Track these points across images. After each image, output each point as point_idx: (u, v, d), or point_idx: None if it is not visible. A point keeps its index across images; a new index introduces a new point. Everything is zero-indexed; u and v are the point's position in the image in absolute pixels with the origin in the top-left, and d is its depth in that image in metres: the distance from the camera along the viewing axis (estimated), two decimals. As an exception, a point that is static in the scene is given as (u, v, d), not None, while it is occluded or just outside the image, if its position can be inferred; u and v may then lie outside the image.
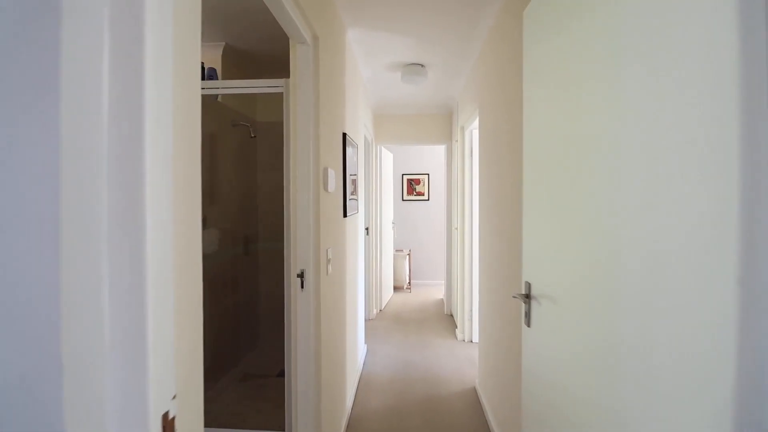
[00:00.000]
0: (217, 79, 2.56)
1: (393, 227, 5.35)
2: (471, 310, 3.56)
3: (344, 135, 2.27)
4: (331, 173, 1.89)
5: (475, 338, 3.56)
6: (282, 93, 1.81)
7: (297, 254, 1.63)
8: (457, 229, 3.97)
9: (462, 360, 3.20)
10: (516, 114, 1.67)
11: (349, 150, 2.43)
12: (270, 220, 2.98)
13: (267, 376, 2.82)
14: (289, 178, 1.69)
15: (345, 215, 2.34)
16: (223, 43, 2.54)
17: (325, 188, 1.80)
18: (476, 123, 3.23)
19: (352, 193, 2.64)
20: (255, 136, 2.83)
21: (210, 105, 2.51)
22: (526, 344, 1.31)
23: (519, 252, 1.56)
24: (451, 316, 4.40)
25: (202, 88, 2.02)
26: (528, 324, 1.27)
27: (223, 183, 2.68)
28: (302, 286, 1.64)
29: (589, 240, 0.90)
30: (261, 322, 3.26)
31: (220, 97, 2.55)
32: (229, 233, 2.74)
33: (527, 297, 1.28)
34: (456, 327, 3.91)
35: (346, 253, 2.44)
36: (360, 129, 3.13)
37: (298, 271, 1.64)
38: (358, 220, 2.98)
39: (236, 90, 1.87)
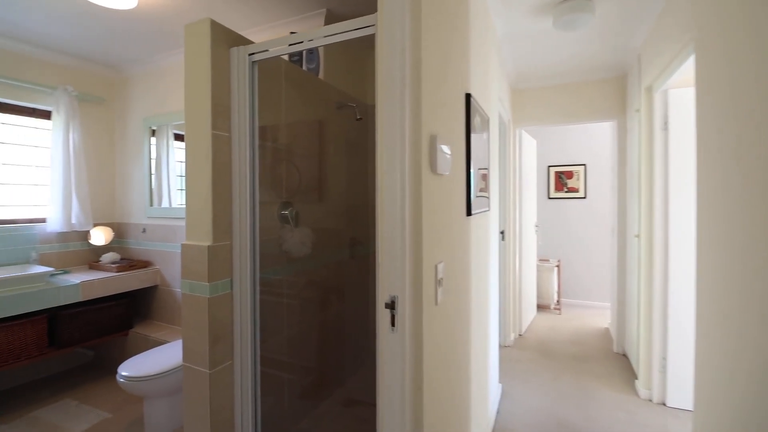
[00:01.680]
0: (317, 56, 2.20)
1: (536, 231, 4.32)
2: (665, 357, 2.38)
3: (468, 96, 1.58)
4: (444, 148, 1.23)
5: (676, 401, 2.37)
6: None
7: (382, 273, 1.04)
8: (638, 236, 2.79)
9: (652, 436, 2.11)
10: None
11: (476, 122, 1.73)
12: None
13: (372, 405, 2.35)
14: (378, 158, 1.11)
15: (469, 213, 1.65)
16: (324, 10, 2.15)
17: (433, 169, 1.15)
18: (676, 77, 2.09)
19: (481, 190, 1.92)
20: (361, 119, 2.38)
21: (311, 83, 2.15)
22: None
23: None
24: (625, 356, 3.17)
25: (273, 48, 1.59)
26: None
27: (328, 174, 2.30)
28: (392, 324, 1.04)
29: None
30: (372, 336, 2.81)
31: (322, 73, 2.17)
32: (332, 234, 2.35)
33: None
34: (636, 378, 2.73)
35: (471, 264, 1.74)
36: (493, 103, 2.37)
37: (387, 299, 1.04)
38: (489, 219, 2.23)
39: (318, 42, 1.40)
